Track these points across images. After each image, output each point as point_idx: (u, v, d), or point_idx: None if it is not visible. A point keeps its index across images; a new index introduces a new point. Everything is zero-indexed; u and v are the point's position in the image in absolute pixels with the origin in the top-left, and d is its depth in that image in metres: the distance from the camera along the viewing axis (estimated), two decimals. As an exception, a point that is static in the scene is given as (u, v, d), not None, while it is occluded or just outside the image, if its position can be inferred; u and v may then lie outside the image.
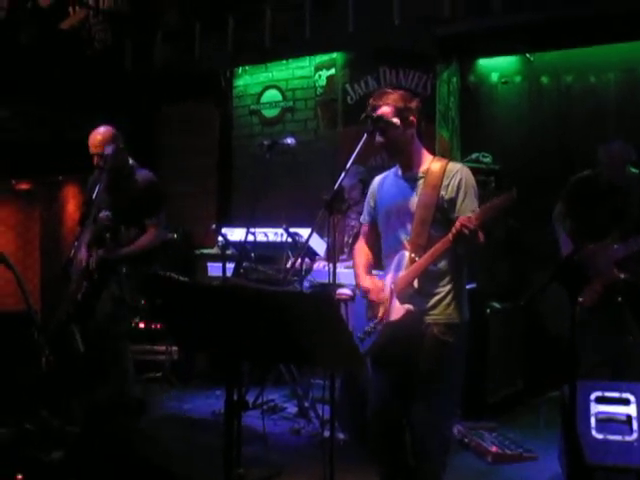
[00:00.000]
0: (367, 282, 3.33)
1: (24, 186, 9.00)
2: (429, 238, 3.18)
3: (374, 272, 3.46)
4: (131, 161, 4.96)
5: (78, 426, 4.47)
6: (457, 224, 2.99)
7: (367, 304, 3.32)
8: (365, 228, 3.57)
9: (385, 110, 3.24)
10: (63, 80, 7.40)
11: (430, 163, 3.29)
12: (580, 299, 4.46)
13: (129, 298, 4.82)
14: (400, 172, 3.37)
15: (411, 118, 3.28)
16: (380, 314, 3.22)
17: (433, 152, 3.52)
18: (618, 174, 4.58)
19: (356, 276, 3.45)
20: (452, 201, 3.20)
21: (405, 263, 3.19)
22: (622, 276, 4.43)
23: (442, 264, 3.18)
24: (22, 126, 7.53)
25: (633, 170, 4.65)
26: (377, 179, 3.53)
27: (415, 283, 3.15)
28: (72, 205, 8.60)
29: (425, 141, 3.43)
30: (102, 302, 4.79)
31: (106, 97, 7.32)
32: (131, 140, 5.19)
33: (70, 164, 5.22)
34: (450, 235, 3.02)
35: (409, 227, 3.24)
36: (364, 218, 3.56)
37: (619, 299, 4.43)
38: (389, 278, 3.26)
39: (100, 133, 4.87)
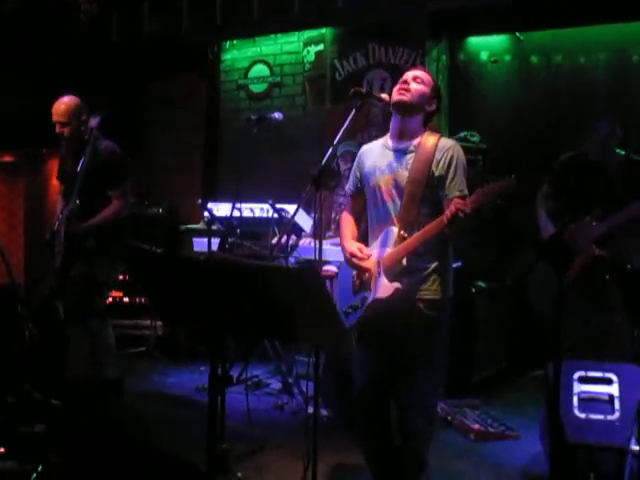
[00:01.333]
0: (353, 247, 3.30)
1: (7, 158, 8.90)
2: (418, 215, 3.16)
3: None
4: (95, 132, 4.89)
5: (61, 400, 4.45)
6: (452, 207, 2.95)
7: (353, 278, 3.30)
8: (349, 199, 3.54)
9: (427, 76, 3.30)
10: (48, 52, 7.29)
11: (422, 137, 3.26)
12: None
13: (100, 274, 4.75)
14: (390, 143, 3.33)
15: (435, 100, 3.33)
16: (367, 287, 3.20)
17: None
18: (602, 151, 4.59)
19: (342, 239, 3.43)
20: (442, 178, 3.17)
21: (393, 239, 3.17)
22: (597, 252, 4.45)
23: (429, 242, 3.15)
24: (6, 98, 7.43)
25: (618, 151, 4.66)
26: (364, 148, 3.49)
27: (404, 261, 3.14)
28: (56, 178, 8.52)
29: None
30: (71, 280, 4.72)
31: (92, 70, 7.23)
32: (117, 113, 5.13)
33: (54, 137, 5.15)
34: (444, 218, 2.99)
35: (398, 202, 3.22)
36: (349, 188, 3.52)
37: (606, 277, 4.45)
38: (375, 253, 3.24)
39: (64, 102, 4.81)
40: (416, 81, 3.26)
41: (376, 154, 3.37)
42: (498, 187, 2.94)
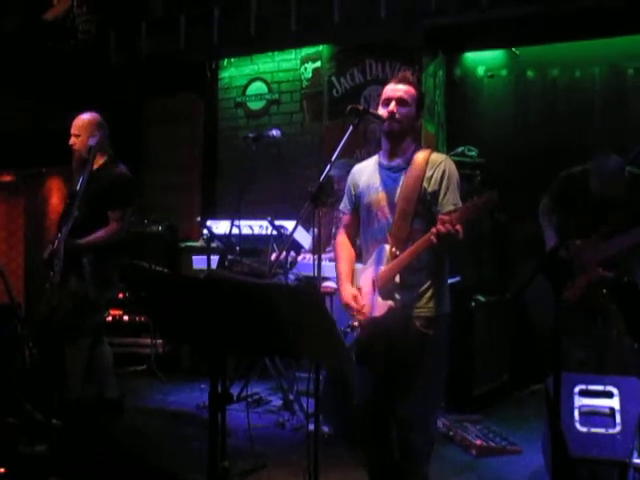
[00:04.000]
0: (348, 296, 3.26)
1: (7, 178, 8.93)
2: (411, 231, 3.15)
3: (355, 265, 3.44)
4: (110, 152, 4.91)
5: (61, 420, 4.44)
6: (437, 226, 2.96)
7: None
8: (346, 218, 3.52)
9: (411, 90, 3.26)
10: (47, 71, 7.33)
11: (413, 153, 3.26)
12: (564, 294, 4.47)
13: (92, 294, 4.71)
14: (382, 161, 3.34)
15: (420, 112, 3.34)
16: (364, 309, 3.20)
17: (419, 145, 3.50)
18: (606, 189, 4.55)
19: (338, 276, 3.41)
20: (435, 194, 3.17)
21: (386, 257, 3.17)
22: (603, 274, 4.43)
23: (423, 258, 3.15)
24: (4, 117, 7.46)
25: None
26: (357, 167, 3.48)
27: (397, 278, 3.13)
28: (56, 197, 8.54)
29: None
30: (63, 297, 4.70)
31: (90, 88, 7.27)
32: (115, 132, 5.15)
33: (53, 156, 5.17)
34: (432, 236, 2.99)
35: (391, 220, 3.22)
36: (345, 207, 3.51)
37: (604, 291, 4.44)
38: (370, 271, 3.24)
39: (82, 116, 4.86)
40: (401, 104, 3.22)
41: (369, 173, 3.37)
42: (481, 201, 2.93)
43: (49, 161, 7.77)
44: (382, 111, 3.25)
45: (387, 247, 3.18)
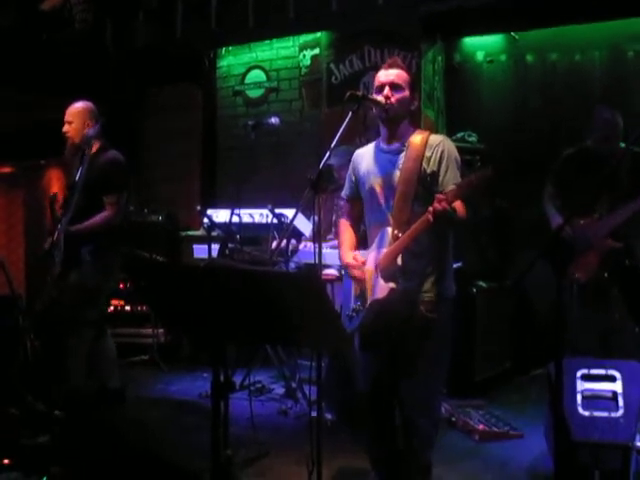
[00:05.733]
0: (349, 257, 3.32)
1: (6, 170, 8.92)
2: (412, 213, 3.14)
3: (358, 252, 3.44)
4: (103, 139, 4.89)
5: (63, 411, 4.45)
6: (434, 204, 2.95)
7: (353, 281, 3.31)
8: (347, 205, 3.54)
9: (402, 74, 3.26)
10: (45, 62, 7.30)
11: (412, 136, 3.27)
12: (576, 275, 4.48)
13: (92, 284, 4.70)
14: (382, 145, 3.34)
15: (415, 94, 3.34)
16: (366, 292, 3.20)
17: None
18: (606, 138, 4.54)
19: (339, 247, 3.47)
20: (434, 174, 3.17)
21: (388, 240, 3.17)
22: (614, 245, 4.43)
23: (426, 241, 3.14)
24: (2, 109, 7.44)
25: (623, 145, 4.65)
26: (358, 153, 3.50)
27: (399, 260, 3.13)
28: (56, 189, 8.53)
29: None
30: (63, 289, 4.69)
31: (88, 79, 7.24)
32: (114, 122, 5.13)
33: (52, 148, 5.16)
34: (429, 215, 2.99)
35: (392, 203, 3.22)
36: (345, 193, 3.53)
37: (605, 275, 4.44)
38: (373, 255, 3.24)
39: (75, 104, 4.85)
40: (395, 89, 3.23)
41: (369, 158, 3.37)
42: (476, 177, 2.93)
43: (48, 152, 7.76)
44: (377, 97, 3.25)
45: (389, 230, 3.18)
